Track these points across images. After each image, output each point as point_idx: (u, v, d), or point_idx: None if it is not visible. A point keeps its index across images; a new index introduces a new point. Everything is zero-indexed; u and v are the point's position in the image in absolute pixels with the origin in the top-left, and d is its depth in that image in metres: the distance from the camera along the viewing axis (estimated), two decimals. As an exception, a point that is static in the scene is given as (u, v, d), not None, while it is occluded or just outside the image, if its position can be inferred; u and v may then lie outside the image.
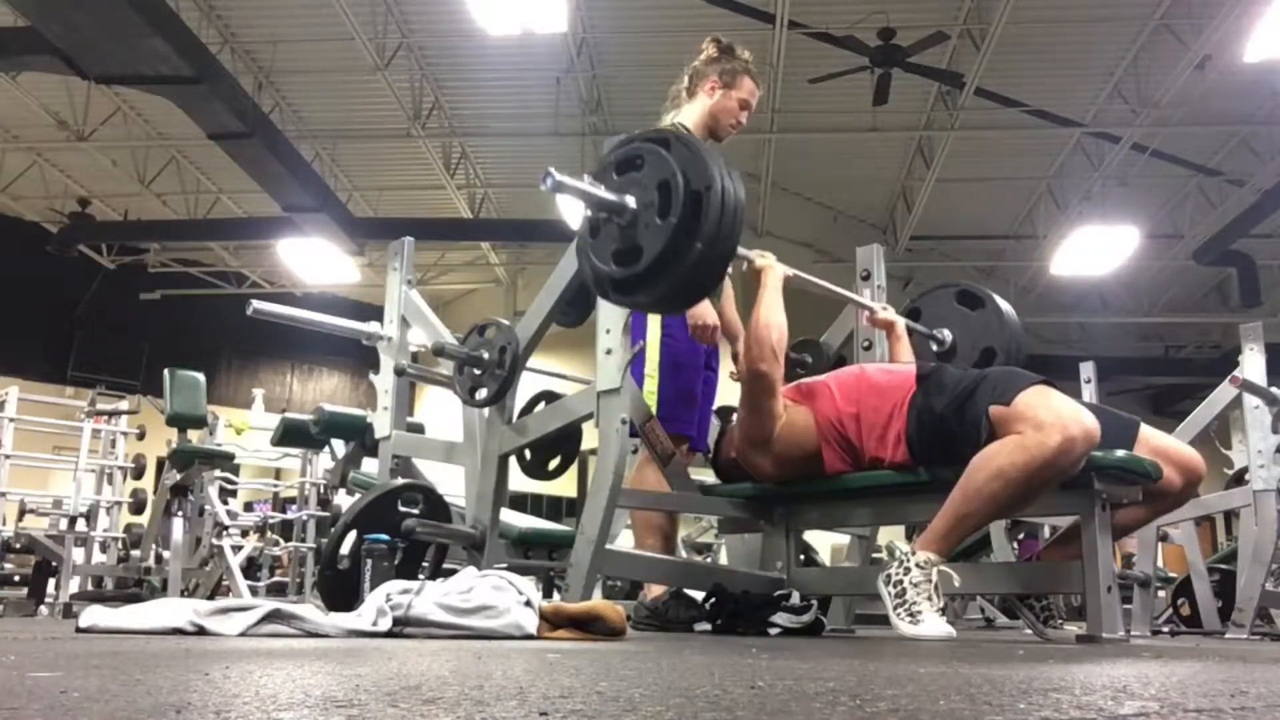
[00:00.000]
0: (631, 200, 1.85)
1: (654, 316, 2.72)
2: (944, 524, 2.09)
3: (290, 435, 4.54)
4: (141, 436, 6.27)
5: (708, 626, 2.46)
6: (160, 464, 5.77)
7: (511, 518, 3.46)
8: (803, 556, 3.25)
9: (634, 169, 1.88)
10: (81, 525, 5.79)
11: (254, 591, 5.21)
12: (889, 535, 2.54)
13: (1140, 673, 1.20)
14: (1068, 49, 8.12)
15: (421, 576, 2.37)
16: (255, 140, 7.92)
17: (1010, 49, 7.88)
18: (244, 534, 6.05)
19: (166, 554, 5.00)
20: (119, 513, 6.27)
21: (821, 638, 2.36)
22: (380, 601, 1.83)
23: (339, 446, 4.05)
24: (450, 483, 2.91)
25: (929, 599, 2.02)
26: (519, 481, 3.18)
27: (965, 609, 4.80)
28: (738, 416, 2.55)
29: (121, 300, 11.62)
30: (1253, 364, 3.76)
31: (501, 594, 1.85)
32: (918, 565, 2.06)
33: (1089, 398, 4.40)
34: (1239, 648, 2.50)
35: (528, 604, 1.84)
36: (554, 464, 3.30)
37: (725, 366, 2.96)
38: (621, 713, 0.73)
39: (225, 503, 5.25)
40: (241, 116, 7.62)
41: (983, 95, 8.52)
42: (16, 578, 6.74)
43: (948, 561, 2.12)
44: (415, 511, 2.47)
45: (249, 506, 8.06)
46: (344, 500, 4.93)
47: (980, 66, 7.98)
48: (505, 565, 2.50)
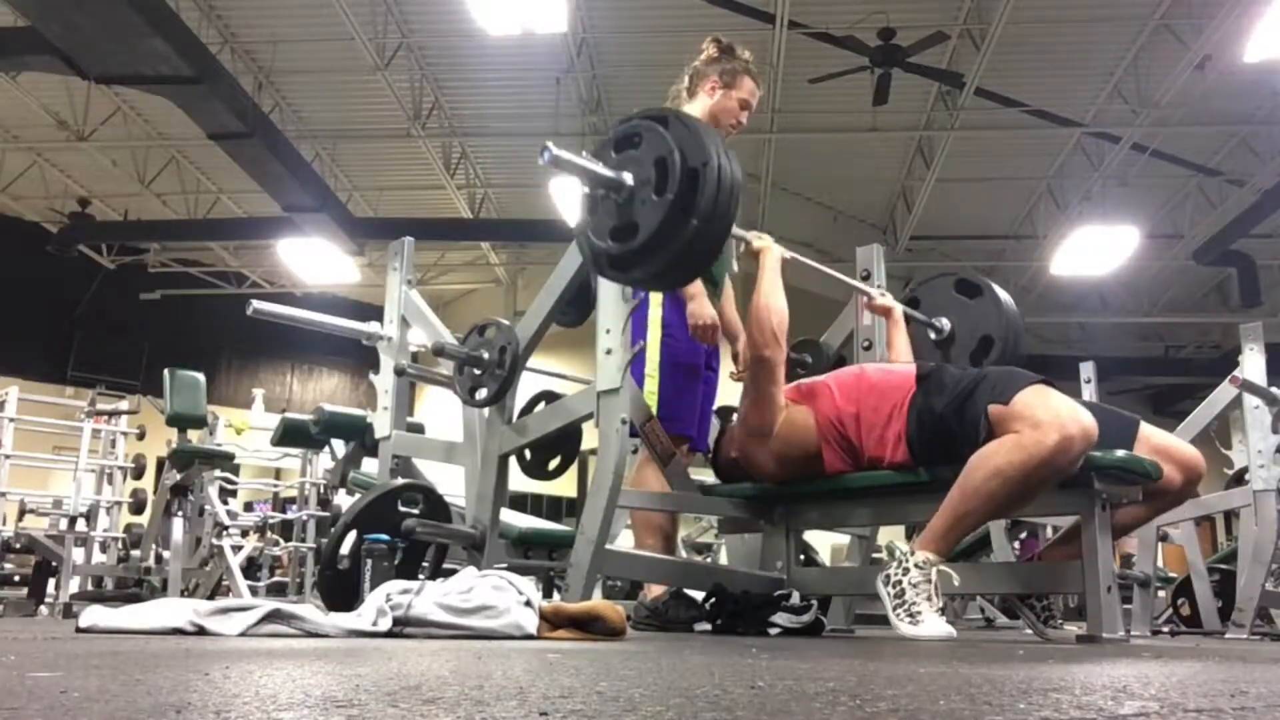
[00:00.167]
0: (628, 177, 1.86)
1: (654, 317, 2.72)
2: (942, 523, 2.09)
3: (290, 435, 4.54)
4: (141, 436, 6.27)
5: (708, 626, 2.46)
6: (160, 464, 5.77)
7: (511, 518, 3.46)
8: (803, 556, 3.25)
9: (632, 147, 1.89)
10: (81, 525, 5.80)
11: (254, 591, 5.21)
12: (889, 535, 2.54)
13: (1140, 673, 1.20)
14: (1068, 49, 8.12)
15: (421, 576, 2.37)
16: (255, 140, 7.92)
17: (1010, 49, 7.88)
18: (244, 534, 6.05)
19: (166, 554, 5.00)
20: (119, 513, 6.27)
21: (821, 638, 2.36)
22: (380, 601, 1.83)
23: (339, 446, 4.05)
24: (450, 483, 2.91)
25: (928, 599, 2.02)
26: (519, 481, 3.18)
27: (965, 609, 4.81)
28: (740, 409, 2.54)
29: (121, 300, 11.62)
30: (1253, 364, 3.76)
31: (501, 594, 1.85)
32: (916, 565, 2.06)
33: (1089, 398, 4.40)
34: (1239, 648, 2.50)
35: (528, 604, 1.84)
36: (554, 464, 3.30)
37: (725, 366, 2.96)
38: (621, 713, 0.73)
39: (225, 503, 5.25)
40: (241, 116, 7.62)
41: (983, 95, 8.52)
42: (16, 578, 6.74)
43: (947, 561, 2.12)
44: (415, 511, 2.47)
45: (249, 506, 8.06)
46: (344, 500, 4.93)
47: (980, 66, 7.98)
48: (505, 565, 2.50)
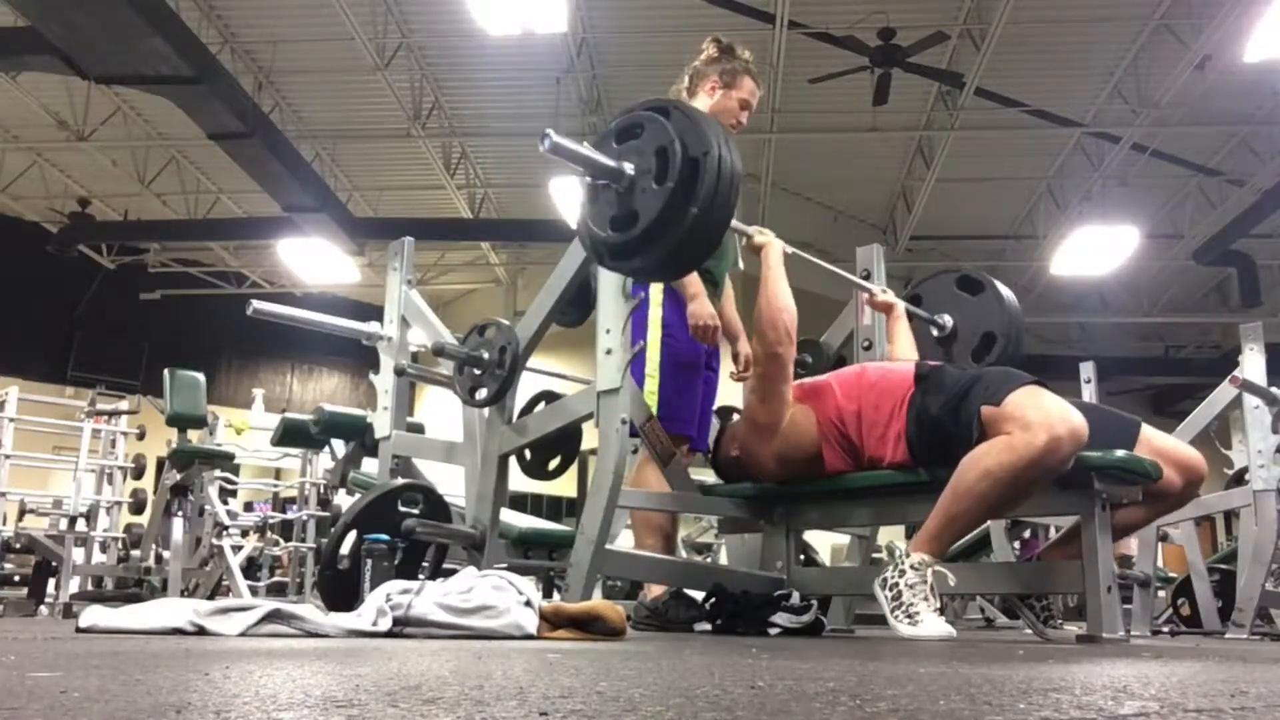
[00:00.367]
0: (629, 166, 1.86)
1: (654, 317, 2.72)
2: (936, 524, 2.10)
3: (290, 435, 4.53)
4: (141, 436, 6.27)
5: (708, 626, 2.46)
6: (160, 464, 5.77)
7: (511, 518, 3.46)
8: (803, 556, 3.25)
9: (633, 137, 1.90)
10: (81, 525, 5.79)
11: (254, 591, 5.21)
12: (889, 535, 2.55)
13: (1140, 673, 1.20)
14: (1068, 49, 8.12)
15: (421, 576, 2.37)
16: (255, 140, 7.92)
17: (1010, 49, 7.88)
18: (244, 534, 6.05)
19: (166, 554, 5.00)
20: (119, 513, 6.27)
21: (821, 638, 2.36)
22: (380, 601, 1.83)
23: (339, 446, 4.05)
24: (450, 483, 2.91)
25: (925, 599, 2.03)
26: (519, 481, 3.18)
27: (965, 609, 4.80)
28: (746, 405, 2.54)
29: (121, 300, 11.62)
30: (1253, 364, 3.76)
31: (501, 594, 1.85)
32: (912, 567, 2.06)
33: (1089, 398, 4.40)
34: (1239, 648, 2.50)
35: (528, 604, 1.84)
36: (554, 464, 3.30)
37: (725, 366, 2.96)
38: (621, 713, 0.73)
39: (225, 503, 5.25)
40: (241, 116, 7.62)
41: (983, 95, 8.52)
42: (16, 578, 6.75)
43: (944, 561, 2.12)
44: (415, 511, 2.47)
45: (249, 506, 8.06)
46: (344, 500, 4.93)
47: (980, 66, 7.98)
48: (505, 565, 2.50)
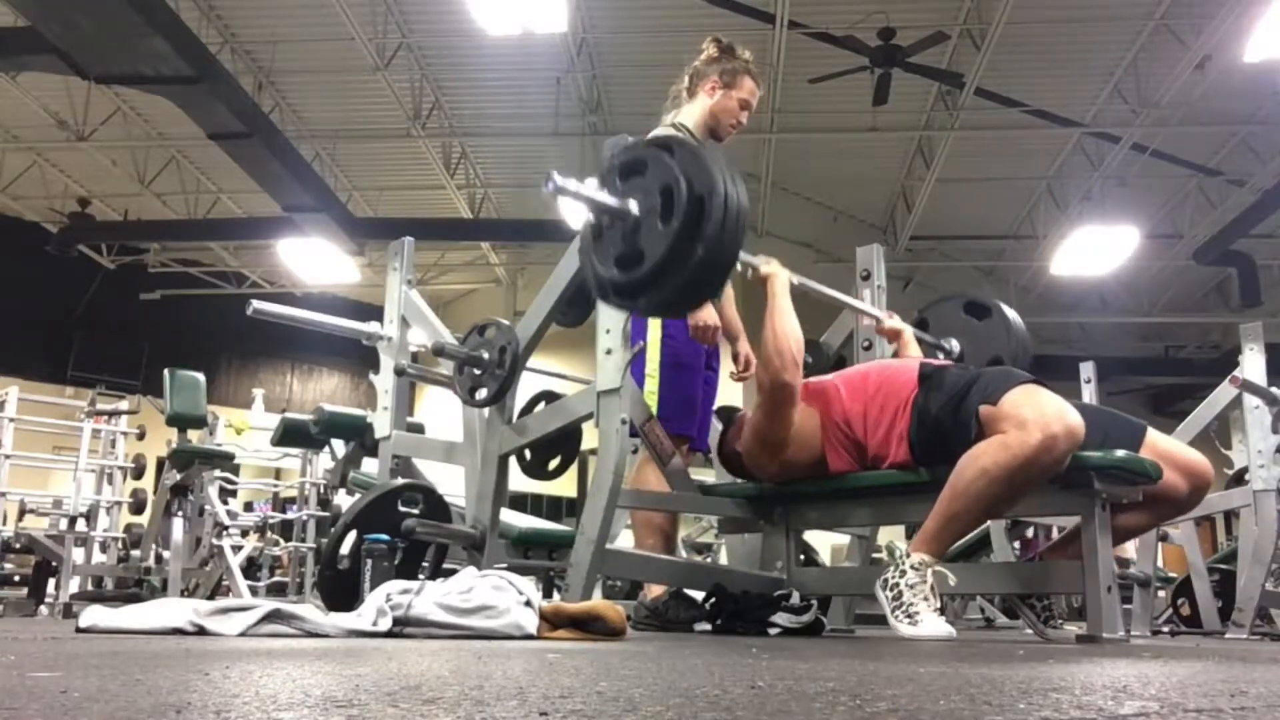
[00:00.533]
0: (634, 205, 1.85)
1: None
2: (934, 524, 2.10)
3: (290, 435, 4.54)
4: (141, 436, 6.27)
5: (708, 626, 2.46)
6: (160, 464, 5.77)
7: (511, 518, 3.46)
8: (803, 556, 3.25)
9: (637, 174, 1.88)
10: (81, 525, 5.79)
11: (254, 591, 5.21)
12: (889, 535, 2.55)
13: (1140, 673, 1.20)
14: (1068, 49, 8.12)
15: (421, 576, 2.37)
16: (255, 140, 7.92)
17: (1010, 49, 7.89)
18: (244, 534, 6.05)
19: (166, 554, 5.00)
20: (119, 513, 6.27)
21: (821, 638, 2.36)
22: (380, 601, 1.83)
23: (339, 446, 4.05)
24: (450, 483, 2.91)
25: (925, 600, 2.03)
26: (519, 481, 3.19)
27: (965, 609, 4.80)
28: (751, 422, 2.52)
29: (121, 300, 11.62)
30: (1253, 364, 3.75)
31: (501, 594, 1.85)
32: (912, 567, 2.06)
33: (1089, 398, 4.40)
34: (1239, 648, 2.50)
35: (528, 604, 1.84)
36: (554, 464, 3.30)
37: (725, 366, 2.96)
38: (621, 713, 0.73)
39: (225, 503, 5.25)
40: (241, 116, 7.62)
41: (983, 95, 8.52)
42: (16, 578, 6.75)
43: (943, 561, 2.12)
44: (415, 511, 2.47)
45: (249, 506, 8.06)
46: (344, 500, 4.93)
47: (980, 66, 7.98)
48: (505, 565, 2.50)
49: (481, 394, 2.52)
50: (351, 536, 2.36)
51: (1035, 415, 2.01)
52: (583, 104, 8.94)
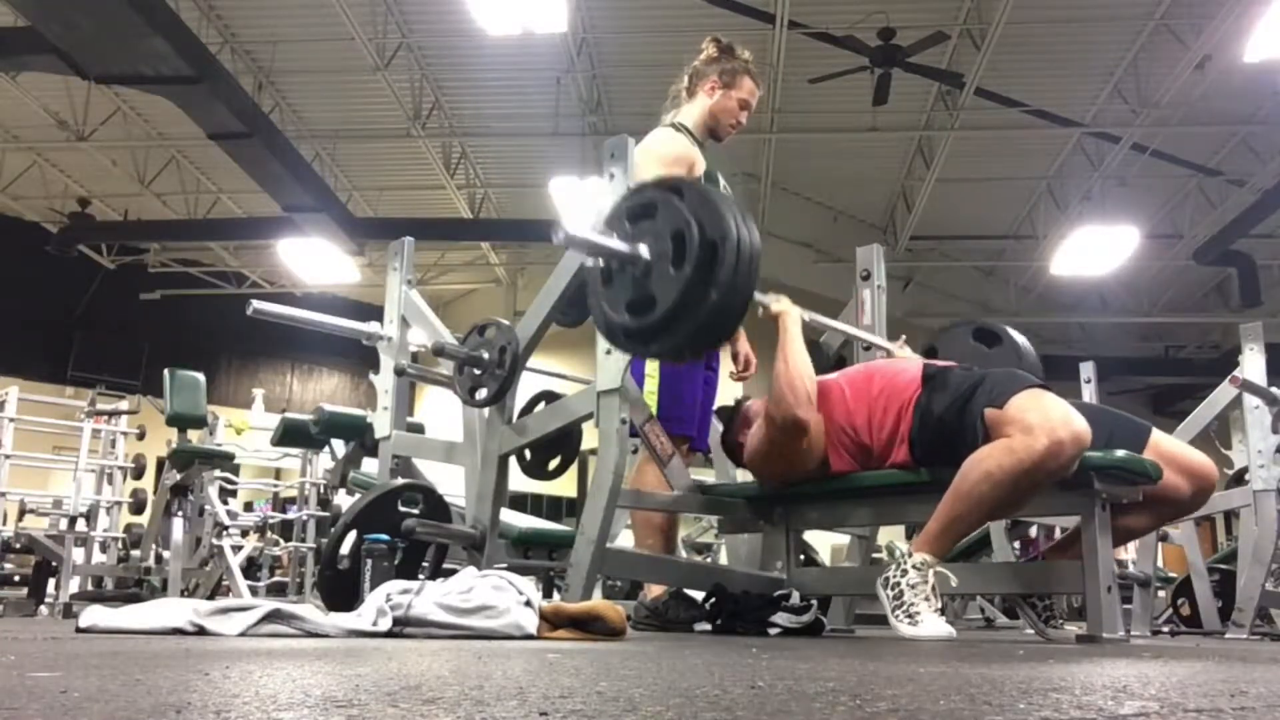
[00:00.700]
0: (645, 250, 1.83)
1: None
2: (937, 525, 2.10)
3: (290, 435, 4.53)
4: (141, 436, 6.27)
5: (708, 626, 2.46)
6: (160, 464, 5.77)
7: (511, 518, 3.46)
8: (803, 556, 3.25)
9: (647, 218, 1.86)
10: (81, 525, 5.79)
11: (254, 591, 5.21)
12: (889, 535, 2.55)
13: (1140, 673, 1.20)
14: (1068, 49, 8.12)
15: (421, 576, 2.37)
16: (255, 140, 7.92)
17: (1010, 49, 7.89)
18: (244, 534, 6.05)
19: (166, 554, 5.00)
20: (119, 513, 6.27)
21: (821, 638, 2.36)
22: (380, 601, 1.83)
23: (339, 446, 4.05)
24: (450, 483, 2.91)
25: (926, 600, 2.03)
26: (519, 481, 3.18)
27: (965, 609, 4.80)
28: (758, 444, 2.49)
29: (121, 300, 11.62)
30: (1253, 364, 3.75)
31: (501, 594, 1.85)
32: (914, 567, 2.06)
33: (1089, 398, 4.39)
34: (1239, 648, 2.50)
35: (528, 604, 1.84)
36: (554, 464, 3.30)
37: (725, 366, 2.96)
38: (621, 713, 0.73)
39: (225, 503, 5.25)
40: (241, 116, 7.62)
41: (983, 95, 8.52)
42: (16, 578, 6.74)
43: (945, 562, 2.12)
44: (415, 511, 2.47)
45: (249, 506, 8.06)
46: (344, 500, 4.93)
47: (980, 66, 7.98)
48: (505, 565, 2.51)
49: (481, 394, 2.52)
50: (351, 536, 2.36)
51: (1041, 420, 2.00)
52: (583, 104, 8.94)
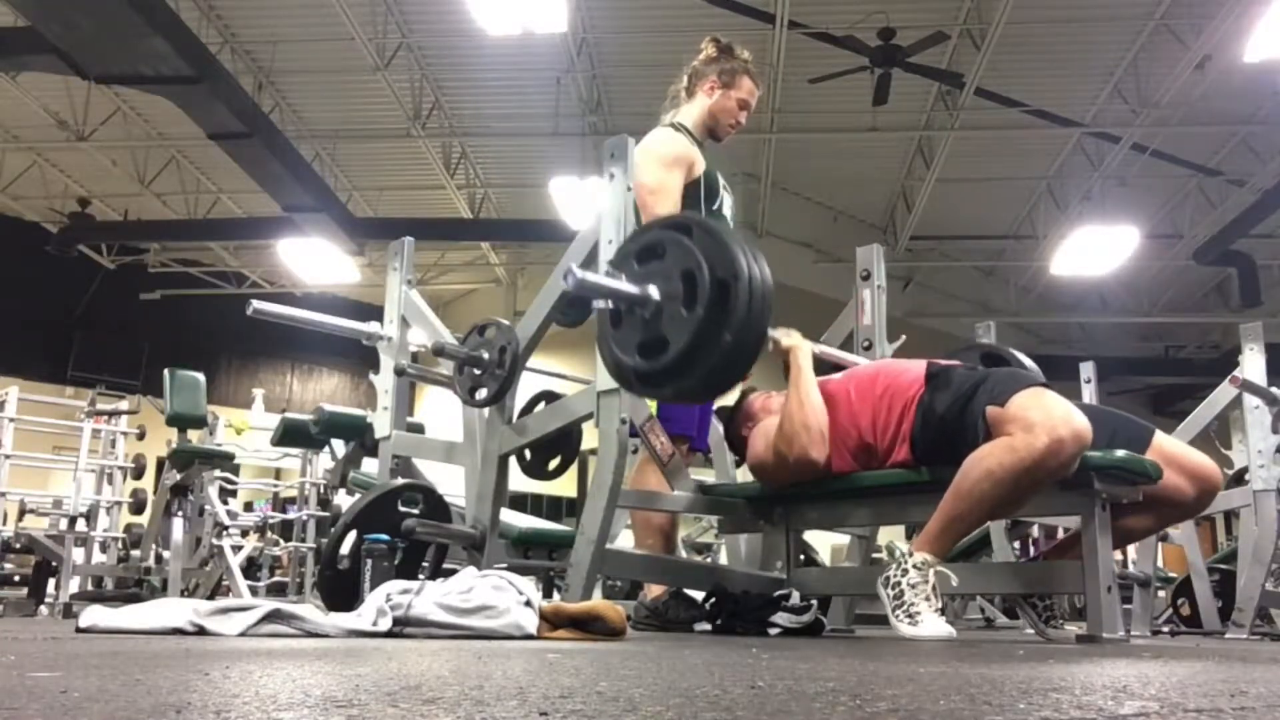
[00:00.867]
0: (655, 291, 1.81)
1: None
2: (938, 525, 2.10)
3: (290, 435, 4.53)
4: (141, 436, 6.26)
5: (708, 626, 2.46)
6: (160, 464, 5.77)
7: (511, 518, 3.46)
8: (803, 556, 3.25)
9: (656, 258, 1.85)
10: (81, 525, 5.79)
11: (254, 591, 5.21)
12: (889, 535, 2.54)
13: (1140, 673, 1.20)
14: (1068, 49, 8.12)
15: (421, 576, 2.37)
16: (255, 140, 7.92)
17: (1010, 49, 7.89)
18: (244, 534, 6.05)
19: (166, 554, 5.00)
20: (119, 513, 6.27)
21: (821, 638, 2.36)
22: (380, 601, 1.83)
23: (339, 446, 4.04)
24: (450, 483, 2.91)
25: (927, 599, 2.03)
26: (519, 481, 3.18)
27: (965, 609, 4.80)
28: (766, 462, 2.47)
29: (121, 300, 11.62)
30: (1253, 364, 3.75)
31: (501, 594, 1.85)
32: (914, 566, 2.06)
33: (1089, 398, 4.39)
34: (1239, 648, 2.50)
35: (528, 604, 1.84)
36: (554, 464, 3.30)
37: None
38: (621, 713, 0.73)
39: (225, 503, 5.25)
40: (241, 116, 7.62)
41: (983, 95, 8.53)
42: (16, 578, 6.74)
43: (945, 561, 2.12)
44: (415, 511, 2.47)
45: (249, 506, 8.06)
46: (344, 500, 4.93)
47: (980, 66, 7.98)
48: (505, 565, 2.50)
49: (481, 394, 2.52)
50: (351, 536, 2.36)
51: (1042, 418, 2.00)
52: (583, 104, 8.94)
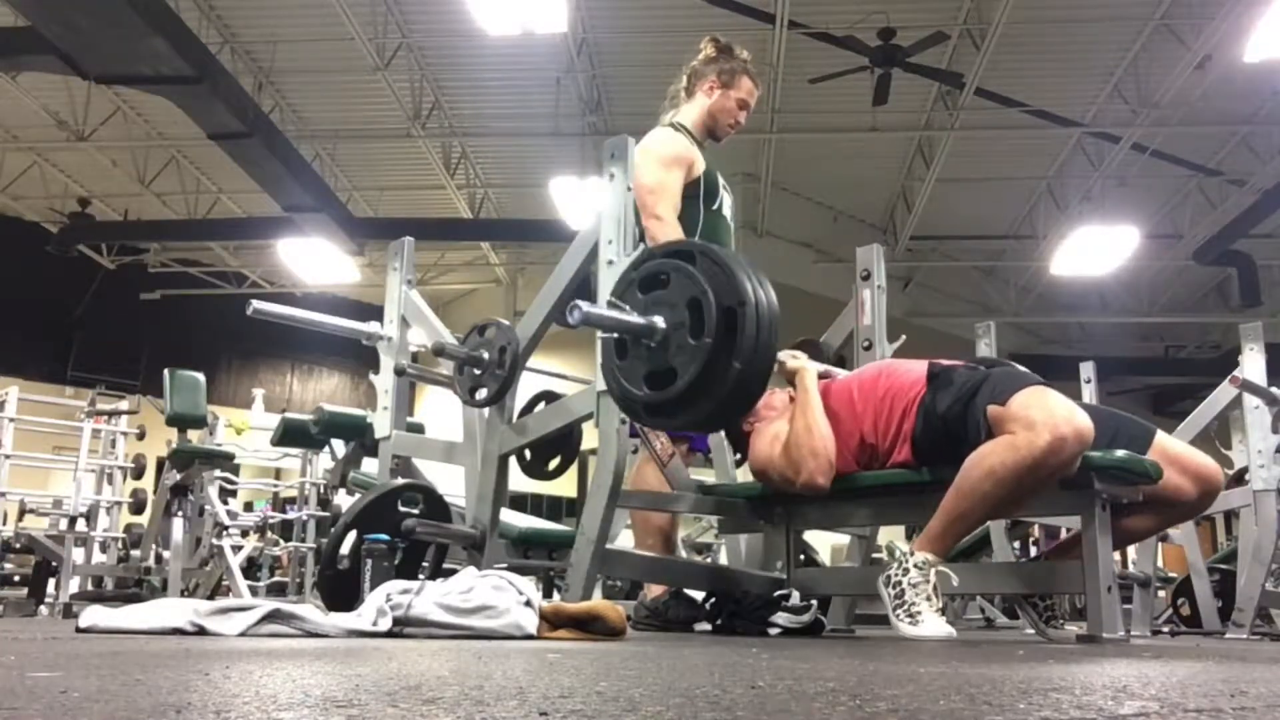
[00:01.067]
0: (660, 321, 1.80)
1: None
2: (940, 524, 2.09)
3: (290, 435, 4.53)
4: (141, 436, 6.26)
5: (708, 626, 2.46)
6: (160, 464, 5.76)
7: (511, 518, 3.45)
8: (803, 556, 3.25)
9: (660, 286, 1.83)
10: (81, 525, 5.79)
11: (254, 591, 5.21)
12: (889, 535, 2.54)
13: (1140, 673, 1.20)
14: (1068, 49, 8.12)
15: (421, 576, 2.37)
16: (255, 140, 7.92)
17: (1010, 49, 7.89)
18: (244, 534, 6.05)
19: (166, 554, 5.00)
20: (119, 513, 6.27)
21: (821, 638, 2.36)
22: (380, 601, 1.83)
23: (339, 446, 4.04)
24: (450, 483, 2.91)
25: (928, 599, 2.03)
26: (519, 481, 3.18)
27: (965, 609, 4.80)
28: (763, 465, 2.45)
29: (121, 300, 11.63)
30: (1253, 364, 3.75)
31: (501, 594, 1.85)
32: (916, 566, 2.06)
33: (1089, 398, 4.39)
34: (1239, 648, 2.50)
35: (528, 604, 1.84)
36: (554, 464, 3.30)
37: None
38: (621, 713, 0.73)
39: (225, 503, 5.25)
40: (241, 116, 7.63)
41: (983, 95, 8.53)
42: (16, 578, 6.74)
43: (946, 561, 2.12)
44: (415, 511, 2.47)
45: (249, 506, 8.06)
46: (344, 500, 4.93)
47: (980, 66, 7.99)
48: (505, 565, 2.50)
49: (481, 394, 2.52)
50: (351, 536, 2.36)
51: (1044, 416, 2.00)
52: (583, 104, 8.94)
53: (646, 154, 2.64)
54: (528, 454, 3.15)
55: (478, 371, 2.52)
